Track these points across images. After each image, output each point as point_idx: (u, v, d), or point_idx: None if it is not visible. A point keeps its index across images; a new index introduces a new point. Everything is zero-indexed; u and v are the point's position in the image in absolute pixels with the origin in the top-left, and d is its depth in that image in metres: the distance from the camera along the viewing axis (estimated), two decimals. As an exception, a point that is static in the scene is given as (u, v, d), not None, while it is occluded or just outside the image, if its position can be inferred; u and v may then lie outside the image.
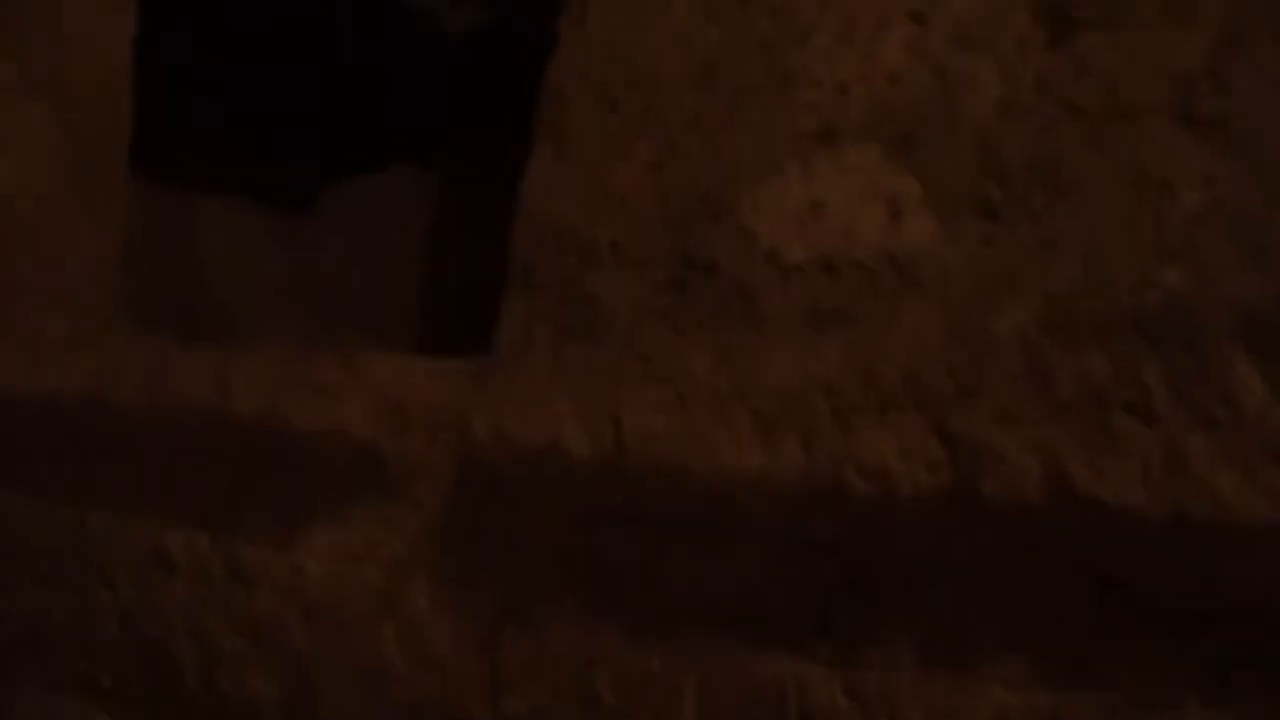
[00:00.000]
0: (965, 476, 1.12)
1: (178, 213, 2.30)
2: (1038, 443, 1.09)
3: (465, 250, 2.41)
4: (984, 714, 1.16)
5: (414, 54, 2.25)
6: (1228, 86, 1.09)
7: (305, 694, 1.57)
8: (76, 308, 1.80)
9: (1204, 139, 1.10)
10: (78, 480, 1.78)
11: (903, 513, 1.16)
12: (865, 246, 1.21)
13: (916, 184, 1.20)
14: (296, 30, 2.18)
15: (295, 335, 2.39)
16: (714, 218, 1.28)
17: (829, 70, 1.25)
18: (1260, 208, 1.03)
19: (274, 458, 1.59)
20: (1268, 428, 1.00)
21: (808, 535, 1.24)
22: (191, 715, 1.67)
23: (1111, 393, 1.07)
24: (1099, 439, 1.07)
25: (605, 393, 1.30)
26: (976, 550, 1.16)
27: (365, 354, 1.51)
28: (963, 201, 1.18)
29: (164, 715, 1.69)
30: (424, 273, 2.43)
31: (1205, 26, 1.11)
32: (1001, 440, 1.11)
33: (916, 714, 1.19)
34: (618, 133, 1.35)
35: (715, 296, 1.27)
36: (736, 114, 1.29)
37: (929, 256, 1.18)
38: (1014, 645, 1.15)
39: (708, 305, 1.27)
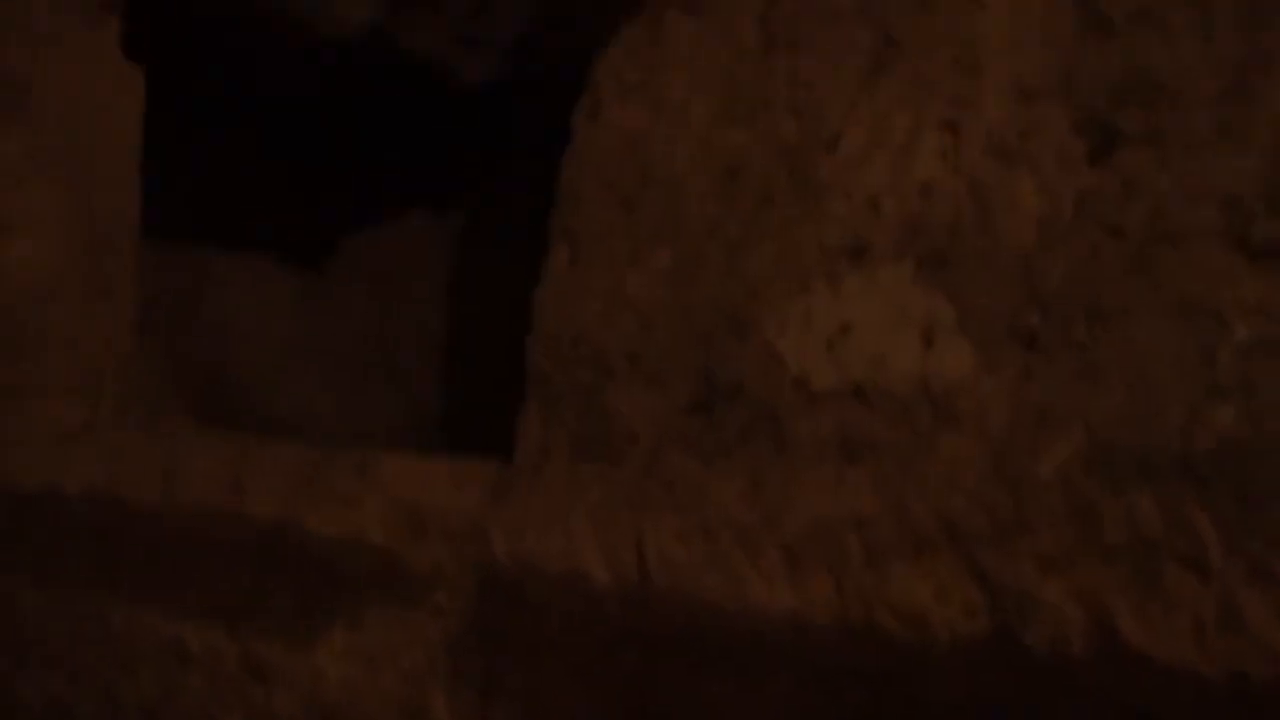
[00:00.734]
0: (1005, 623, 1.06)
1: (190, 272, 2.26)
2: (1083, 591, 1.03)
3: (483, 301, 2.36)
4: None
5: (430, 104, 2.20)
6: (1285, 213, 1.03)
7: (326, 801, 1.53)
8: (92, 394, 1.77)
9: (1259, 267, 1.03)
10: (96, 572, 1.75)
11: (938, 655, 1.11)
12: (898, 374, 1.15)
13: (951, 308, 1.13)
14: (307, 83, 2.13)
15: (312, 394, 2.35)
16: (738, 336, 1.22)
17: (858, 180, 1.19)
18: (1322, 357, 0.97)
19: (291, 559, 1.55)
20: (1330, 589, 0.94)
21: (838, 666, 1.19)
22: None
23: (1161, 541, 1.01)
24: (1149, 590, 1.01)
25: (627, 518, 1.25)
26: (1015, 692, 1.10)
27: (381, 459, 1.47)
28: (1000, 328, 1.11)
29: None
30: (442, 323, 2.39)
31: (1260, 145, 1.04)
32: (1044, 587, 1.05)
33: None
34: (635, 237, 1.29)
35: (741, 421, 1.21)
36: (761, 224, 1.23)
37: (965, 387, 1.12)
38: (1057, 793, 1.10)
39: (733, 430, 1.21)
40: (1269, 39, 1.04)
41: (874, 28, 1.22)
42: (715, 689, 1.27)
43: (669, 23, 1.31)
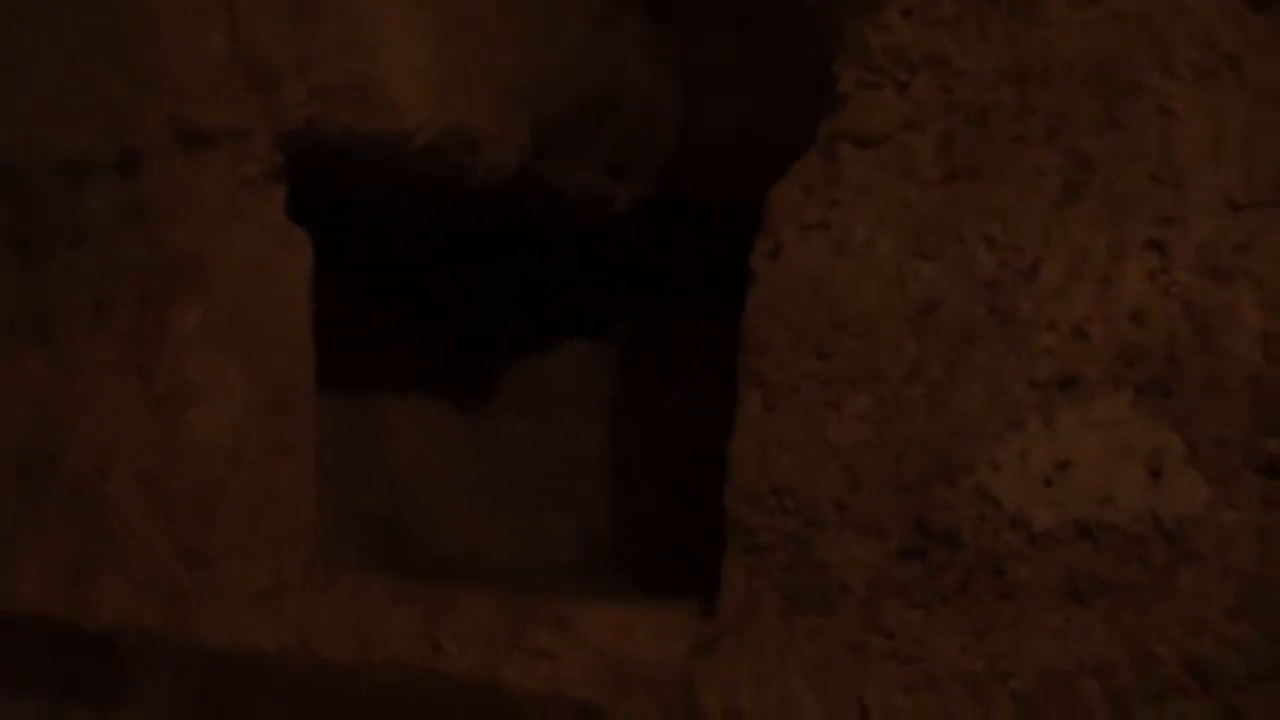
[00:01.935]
0: (1275, 774, 1.00)
1: (358, 419, 2.30)
2: (1357, 737, 0.97)
3: (648, 423, 2.35)
4: None
5: (582, 230, 2.22)
6: None
7: None
8: (279, 553, 1.79)
9: None
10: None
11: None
12: (1125, 511, 1.10)
13: (1177, 437, 1.08)
14: (457, 224, 2.18)
15: (485, 529, 2.37)
16: (949, 480, 1.18)
17: (1063, 309, 1.15)
18: None
19: (491, 713, 1.54)
20: None
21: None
22: None
23: None
24: None
25: (846, 670, 1.21)
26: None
27: (580, 611, 1.45)
28: (1235, 456, 1.06)
29: None
30: (609, 449, 2.39)
31: None
32: (1313, 734, 0.99)
33: None
34: (830, 382, 1.27)
35: (959, 568, 1.17)
36: (964, 362, 1.19)
37: (1202, 521, 1.06)
38: None
39: (951, 576, 1.17)
40: None
41: (1062, 149, 1.18)
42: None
43: (843, 157, 1.30)
